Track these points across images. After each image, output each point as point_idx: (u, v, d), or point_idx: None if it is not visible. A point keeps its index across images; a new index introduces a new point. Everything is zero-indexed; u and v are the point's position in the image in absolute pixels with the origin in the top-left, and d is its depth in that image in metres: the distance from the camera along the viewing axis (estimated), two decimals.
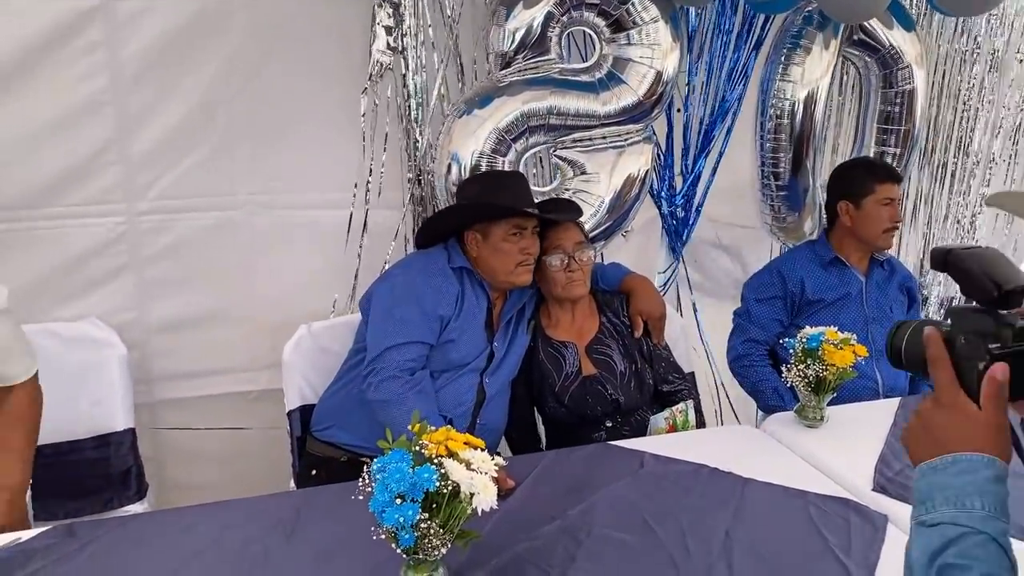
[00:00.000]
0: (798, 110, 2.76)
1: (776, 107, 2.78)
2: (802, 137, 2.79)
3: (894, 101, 2.94)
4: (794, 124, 2.78)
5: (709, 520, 1.64)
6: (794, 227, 2.98)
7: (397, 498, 1.29)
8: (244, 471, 2.66)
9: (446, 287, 2.04)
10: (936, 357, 0.92)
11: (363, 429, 2.01)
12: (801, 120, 2.77)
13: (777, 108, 2.78)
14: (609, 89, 2.42)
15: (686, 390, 2.27)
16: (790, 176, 2.85)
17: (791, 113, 2.77)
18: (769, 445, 2.05)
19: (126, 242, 2.46)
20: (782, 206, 2.92)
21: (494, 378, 2.13)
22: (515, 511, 1.68)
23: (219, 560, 1.50)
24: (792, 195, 2.89)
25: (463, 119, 2.37)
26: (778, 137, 2.81)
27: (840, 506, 1.71)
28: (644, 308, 2.24)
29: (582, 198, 2.49)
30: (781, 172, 2.85)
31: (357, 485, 1.33)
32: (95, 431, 2.30)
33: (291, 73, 2.48)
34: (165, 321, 2.57)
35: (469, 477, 1.33)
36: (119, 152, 2.38)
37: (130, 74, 2.33)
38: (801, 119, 2.77)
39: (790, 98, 2.75)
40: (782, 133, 2.80)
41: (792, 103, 2.76)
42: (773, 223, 2.99)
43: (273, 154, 2.53)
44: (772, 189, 2.89)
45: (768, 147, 2.84)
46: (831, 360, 1.97)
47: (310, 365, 2.31)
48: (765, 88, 2.82)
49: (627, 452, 1.96)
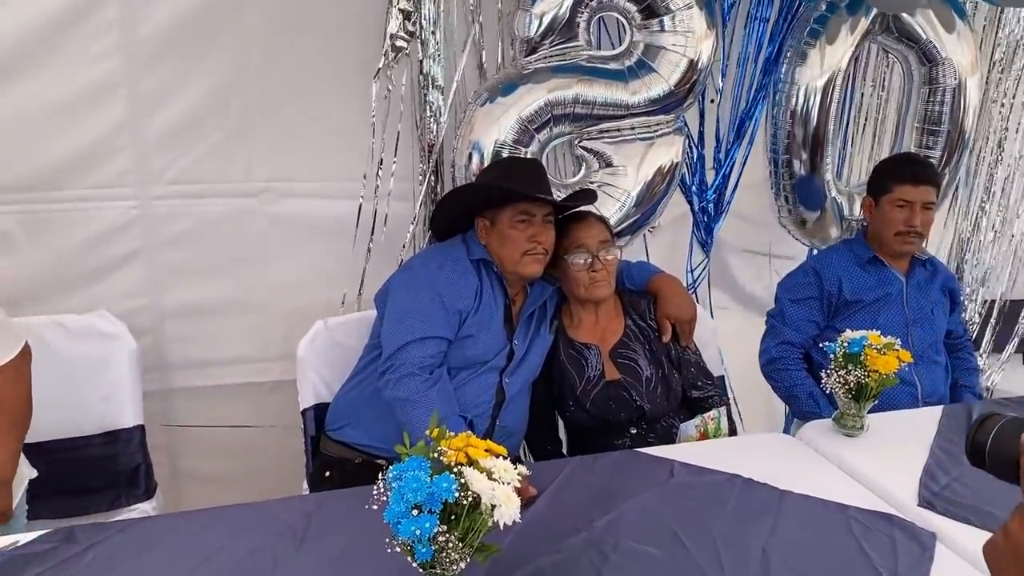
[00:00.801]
0: (814, 98, 2.64)
1: (792, 96, 2.66)
2: (816, 128, 2.67)
3: (936, 100, 2.80)
4: (809, 113, 2.66)
5: (744, 534, 1.56)
6: (817, 229, 2.86)
7: (414, 509, 1.21)
8: (259, 464, 2.65)
9: (464, 280, 1.96)
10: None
11: (378, 428, 1.94)
12: (817, 109, 2.65)
13: (792, 96, 2.66)
14: (639, 78, 2.32)
15: (717, 396, 2.17)
16: (802, 169, 2.73)
17: (805, 101, 2.65)
18: (806, 454, 1.95)
19: (139, 227, 2.41)
20: (795, 201, 2.80)
21: (514, 378, 2.04)
22: (538, 522, 1.60)
23: (225, 569, 1.43)
24: (806, 192, 2.77)
25: (486, 107, 2.28)
26: (790, 128, 2.69)
27: (884, 522, 1.62)
28: (672, 311, 2.14)
29: (607, 191, 2.39)
30: (794, 164, 2.74)
31: (372, 491, 1.24)
32: (103, 427, 2.24)
33: (308, 58, 2.41)
34: (178, 308, 2.53)
35: (491, 488, 1.25)
36: (132, 135, 2.33)
37: (144, 56, 2.28)
38: (817, 108, 2.65)
39: (804, 85, 2.63)
40: (794, 123, 2.68)
41: (807, 91, 2.64)
42: (787, 219, 2.87)
43: (289, 142, 2.47)
44: (784, 179, 2.77)
45: (780, 138, 2.72)
46: (873, 366, 1.86)
47: (325, 362, 2.23)
48: (779, 73, 2.70)
49: (656, 460, 1.87)
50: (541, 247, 1.97)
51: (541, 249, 1.97)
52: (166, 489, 2.57)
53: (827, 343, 1.99)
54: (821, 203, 2.80)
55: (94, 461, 2.21)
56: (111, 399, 2.24)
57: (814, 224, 2.83)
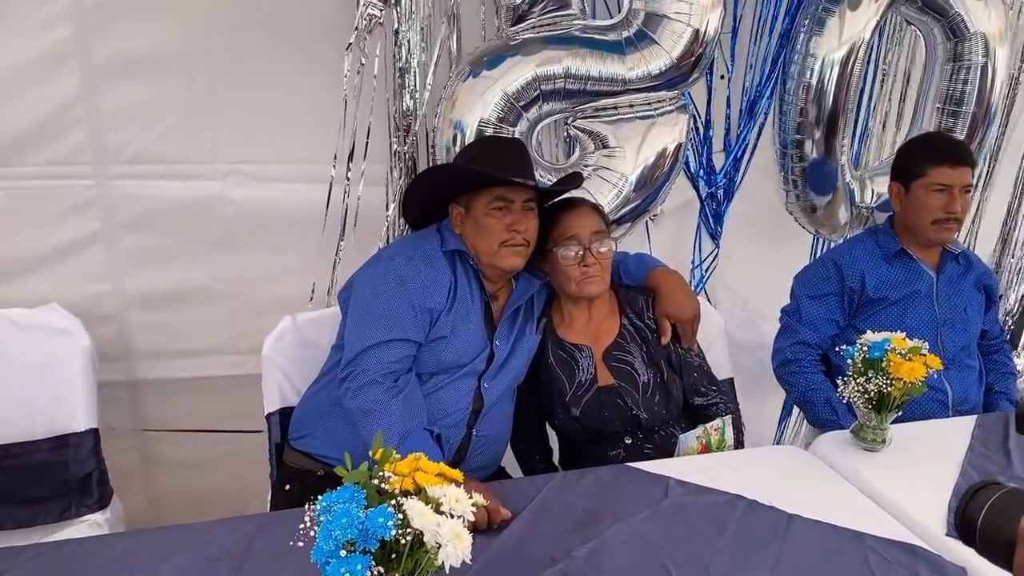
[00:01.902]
0: (832, 73, 2.39)
1: (807, 68, 2.41)
2: (833, 106, 2.42)
3: (960, 78, 2.55)
4: (825, 89, 2.40)
5: (743, 567, 1.38)
6: (826, 216, 2.63)
7: (345, 547, 1.02)
8: (232, 453, 2.52)
9: (436, 275, 1.76)
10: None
11: (341, 439, 1.74)
12: (835, 86, 2.40)
13: (808, 69, 2.41)
14: (638, 50, 2.10)
15: (722, 404, 1.96)
16: (816, 151, 2.49)
17: (821, 76, 2.39)
18: (819, 472, 1.75)
19: (98, 207, 2.26)
20: (804, 185, 2.57)
21: (495, 382, 1.84)
22: (509, 550, 1.42)
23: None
24: (817, 173, 2.53)
25: (468, 82, 2.08)
26: (804, 105, 2.44)
27: (906, 554, 1.43)
28: (672, 310, 1.94)
29: (603, 176, 2.18)
30: (806, 144, 2.49)
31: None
32: (53, 431, 2.05)
33: (276, 27, 2.22)
34: (142, 295, 2.39)
35: (435, 523, 1.05)
36: (86, 109, 2.17)
37: (97, 23, 2.11)
38: (835, 84, 2.39)
39: (821, 57, 2.38)
40: (809, 99, 2.43)
41: (824, 64, 2.38)
42: (795, 205, 2.64)
43: (257, 120, 2.29)
44: (793, 161, 2.53)
45: (791, 116, 2.47)
46: (897, 373, 1.65)
47: (292, 362, 2.04)
48: (791, 43, 2.45)
49: (648, 477, 1.67)
50: (521, 237, 1.77)
51: (521, 239, 1.77)
52: (135, 476, 2.49)
53: (845, 347, 1.77)
54: (832, 188, 2.56)
55: (42, 468, 2.03)
56: (62, 400, 2.06)
57: (824, 211, 2.60)
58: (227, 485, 2.48)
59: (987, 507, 0.71)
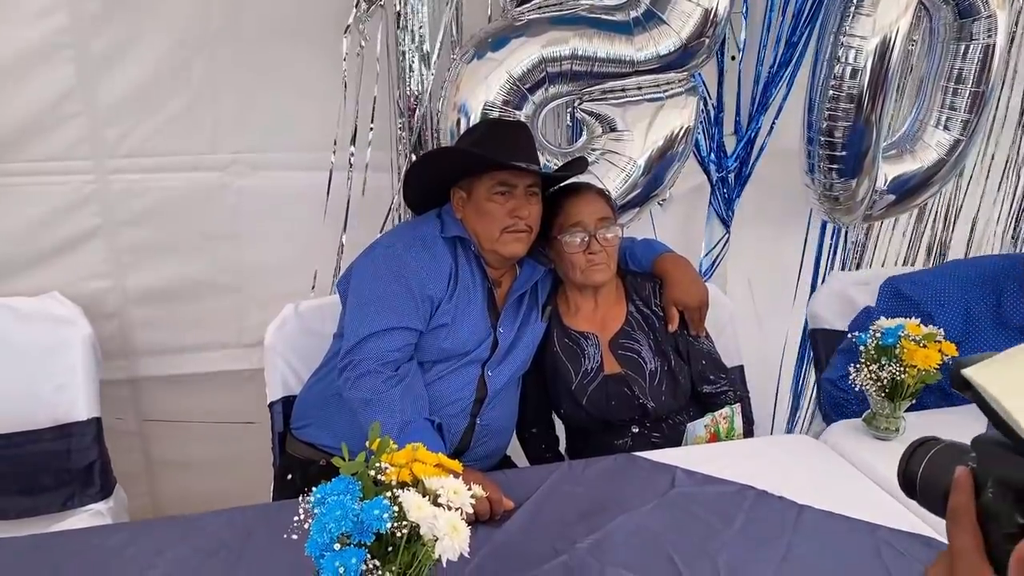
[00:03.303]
0: (869, 57, 2.29)
1: (843, 47, 2.30)
2: (871, 89, 2.31)
3: (969, 56, 2.46)
4: (863, 74, 2.30)
5: (752, 560, 1.34)
6: (846, 199, 2.54)
7: (339, 540, 0.99)
8: (237, 449, 2.47)
9: (435, 262, 1.72)
10: (959, 510, 0.65)
11: (342, 429, 1.71)
12: (873, 69, 2.29)
13: (842, 49, 2.30)
14: (646, 30, 2.05)
15: (731, 392, 1.91)
16: (850, 136, 2.38)
17: (857, 59, 2.29)
18: (831, 461, 1.71)
19: (97, 203, 2.21)
20: (834, 173, 2.48)
21: (499, 370, 1.81)
22: (511, 542, 1.40)
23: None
24: (849, 159, 2.42)
25: (473, 64, 2.03)
26: (839, 90, 2.33)
27: (921, 546, 1.38)
28: (680, 297, 1.89)
29: (611, 159, 2.13)
30: (837, 131, 2.39)
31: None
32: (55, 420, 2.04)
33: (275, 9, 2.17)
34: (144, 291, 2.34)
35: (431, 516, 1.02)
36: (84, 102, 2.12)
37: (93, 11, 2.06)
38: (872, 67, 2.28)
39: (863, 39, 2.28)
40: (845, 84, 2.32)
41: (861, 47, 2.28)
42: (818, 193, 2.55)
43: (259, 108, 2.24)
44: (823, 147, 2.43)
45: (826, 100, 2.37)
46: (911, 360, 1.60)
47: (295, 350, 2.01)
48: (826, 27, 2.36)
49: (655, 467, 1.63)
50: (523, 223, 1.73)
51: (523, 225, 1.73)
52: (137, 476, 2.44)
53: (858, 333, 1.72)
54: (860, 172, 2.48)
55: (45, 457, 2.01)
56: (64, 389, 2.04)
57: (845, 196, 2.53)
58: (230, 487, 2.45)
59: (926, 461, 0.73)
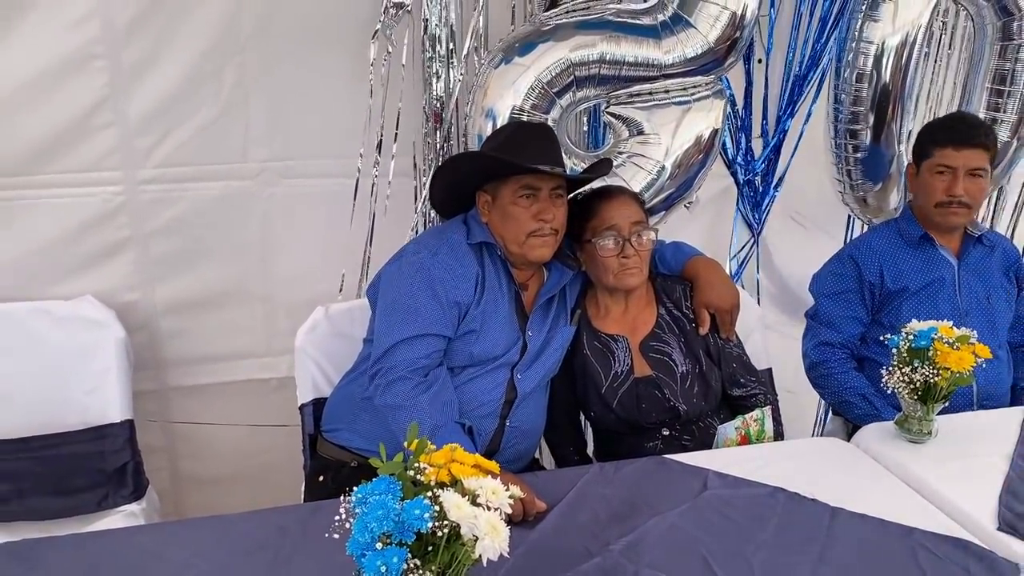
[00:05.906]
0: (887, 59, 2.32)
1: (861, 53, 2.34)
2: (890, 93, 2.35)
3: (1012, 57, 2.47)
4: (881, 76, 2.33)
5: (786, 563, 1.34)
6: (876, 203, 2.55)
7: (380, 540, 1.00)
8: (263, 465, 2.49)
9: (462, 268, 1.73)
10: None
11: (373, 432, 1.72)
12: (891, 72, 2.33)
13: (861, 55, 2.34)
14: (674, 34, 2.05)
15: (761, 395, 1.91)
16: (871, 140, 2.42)
17: (877, 62, 2.32)
18: (863, 464, 1.70)
19: (127, 214, 2.23)
20: (859, 175, 2.50)
21: (528, 373, 1.81)
22: (544, 543, 1.40)
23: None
24: (872, 162, 2.45)
25: (500, 69, 2.04)
26: (859, 92, 2.37)
27: (957, 550, 1.38)
28: (711, 299, 1.89)
29: (638, 163, 2.13)
30: (860, 133, 2.42)
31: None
32: (88, 422, 2.09)
33: (304, 18, 2.18)
34: (174, 302, 2.35)
35: (472, 516, 1.03)
36: (115, 112, 2.13)
37: (125, 21, 2.07)
38: (891, 71, 2.33)
39: (877, 43, 2.31)
40: (864, 86, 2.36)
41: (880, 50, 2.31)
42: (850, 196, 2.57)
43: (288, 115, 2.26)
44: (847, 151, 2.46)
45: (846, 103, 2.40)
46: (944, 363, 1.59)
47: (325, 353, 2.03)
48: (846, 30, 2.37)
49: (687, 469, 1.63)
50: (549, 227, 1.73)
51: (549, 229, 1.73)
52: (164, 493, 2.42)
53: (890, 336, 1.71)
54: (886, 175, 2.49)
55: (79, 459, 2.06)
56: (97, 392, 2.09)
57: (875, 200, 2.53)
58: (258, 496, 2.46)
59: None
